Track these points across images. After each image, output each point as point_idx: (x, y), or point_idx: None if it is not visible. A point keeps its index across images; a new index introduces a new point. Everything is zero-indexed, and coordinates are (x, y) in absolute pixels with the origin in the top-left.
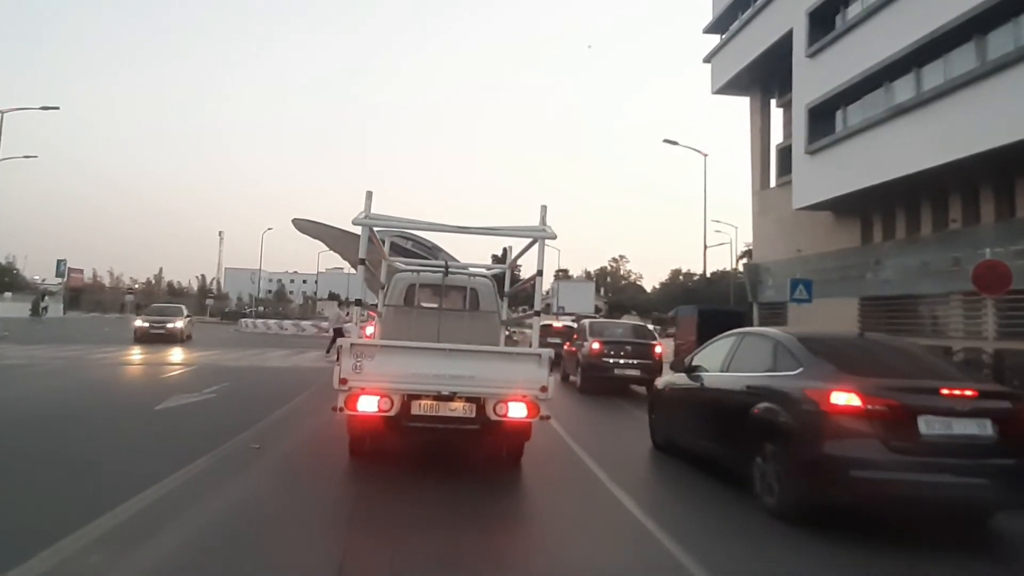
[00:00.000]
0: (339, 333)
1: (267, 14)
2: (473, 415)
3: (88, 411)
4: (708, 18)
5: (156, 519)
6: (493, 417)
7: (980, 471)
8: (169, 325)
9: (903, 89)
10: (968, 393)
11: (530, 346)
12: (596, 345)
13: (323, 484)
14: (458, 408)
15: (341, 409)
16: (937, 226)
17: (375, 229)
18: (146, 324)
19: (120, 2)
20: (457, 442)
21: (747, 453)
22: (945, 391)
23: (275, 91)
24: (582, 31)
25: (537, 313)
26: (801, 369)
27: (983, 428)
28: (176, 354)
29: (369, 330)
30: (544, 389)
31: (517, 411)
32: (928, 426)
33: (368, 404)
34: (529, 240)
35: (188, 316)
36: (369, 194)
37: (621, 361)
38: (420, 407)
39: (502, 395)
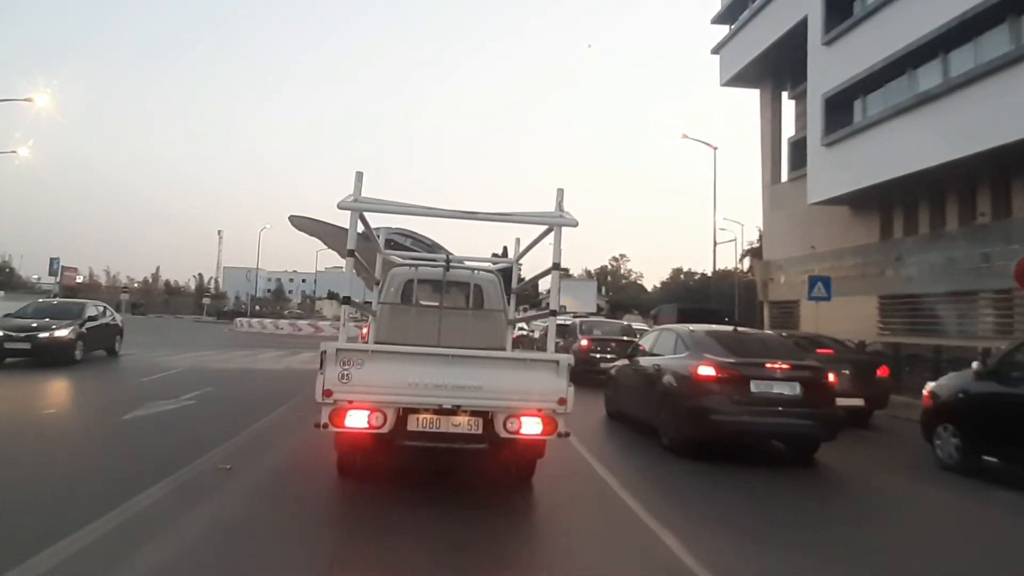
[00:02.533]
0: None
1: (264, 13)
2: (480, 431)
3: (42, 422)
4: (716, 7)
5: None
6: (503, 434)
7: (791, 415)
8: (43, 335)
9: (928, 76)
10: (783, 366)
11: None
12: (584, 342)
13: (302, 516)
14: (462, 423)
15: (325, 426)
16: (964, 220)
17: (372, 226)
18: None
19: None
20: (461, 461)
21: (655, 411)
22: (768, 365)
23: (275, 88)
24: (583, 27)
25: (553, 313)
26: (687, 352)
27: (792, 388)
28: (164, 353)
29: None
30: (562, 402)
31: (531, 427)
32: (756, 387)
33: (357, 419)
34: (542, 230)
35: (94, 320)
36: (359, 175)
37: (608, 356)
38: (418, 422)
39: (514, 408)
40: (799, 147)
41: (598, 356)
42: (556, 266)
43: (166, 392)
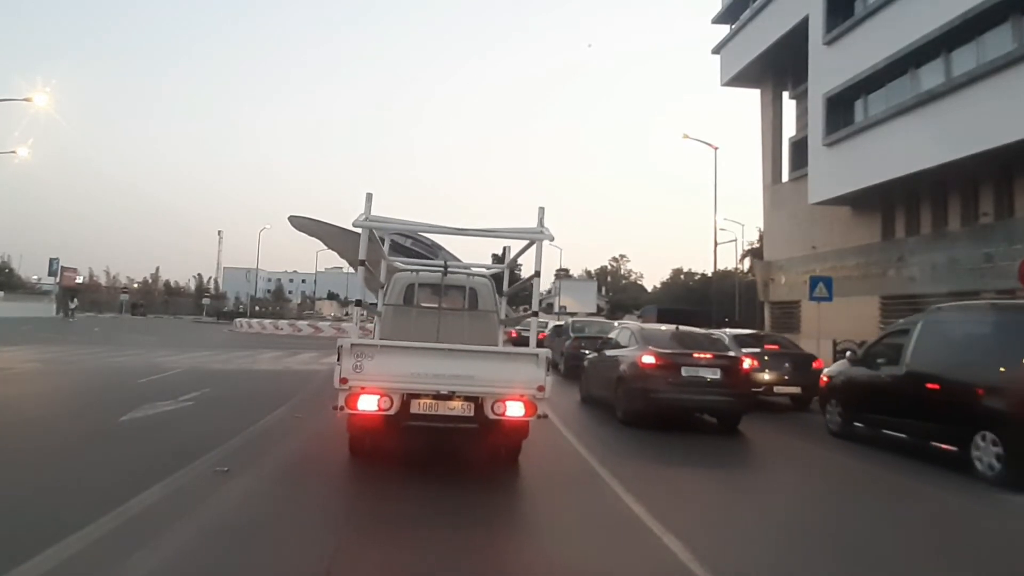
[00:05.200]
0: None
1: (265, 13)
2: (472, 414)
3: (38, 423)
4: (717, 7)
5: None
6: (491, 416)
7: (713, 393)
8: None
9: (930, 75)
10: (707, 355)
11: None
12: (574, 340)
13: (300, 519)
14: (457, 407)
15: (341, 408)
16: (967, 220)
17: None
18: None
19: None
20: (456, 442)
21: (613, 391)
22: (695, 355)
23: (276, 88)
24: (584, 28)
25: (535, 313)
26: (637, 345)
27: (714, 373)
28: (163, 354)
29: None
30: (541, 389)
31: (515, 410)
32: (686, 372)
33: (368, 403)
34: (528, 241)
35: None
36: (369, 196)
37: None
38: (419, 406)
39: (500, 394)
40: (800, 147)
41: (586, 352)
42: (537, 273)
43: (164, 393)
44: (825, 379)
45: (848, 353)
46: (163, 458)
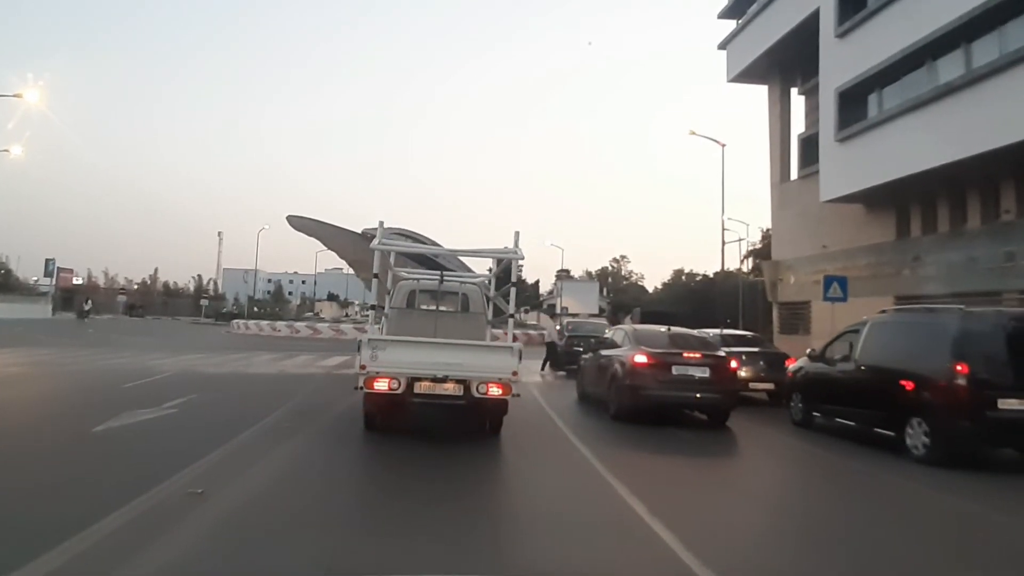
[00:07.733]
0: (553, 347)
1: (265, 13)
2: (461, 393)
3: (1, 434)
4: (723, 2)
5: None
6: (476, 395)
7: (701, 391)
8: None
9: (949, 67)
10: (696, 355)
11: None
12: (567, 339)
13: (277, 552)
14: (450, 388)
15: (361, 388)
16: (986, 218)
17: (375, 224)
18: None
19: None
20: (450, 418)
21: (606, 389)
22: (685, 354)
23: (276, 88)
24: (586, 25)
25: (512, 316)
26: (630, 345)
27: (703, 372)
28: (155, 356)
29: None
30: (515, 374)
31: (494, 391)
32: (676, 370)
33: (381, 384)
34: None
35: None
36: (381, 223)
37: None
38: (421, 387)
39: (483, 378)
40: (809, 144)
41: (580, 350)
42: (513, 284)
43: (147, 399)
44: (790, 374)
45: (808, 350)
46: (134, 476)
